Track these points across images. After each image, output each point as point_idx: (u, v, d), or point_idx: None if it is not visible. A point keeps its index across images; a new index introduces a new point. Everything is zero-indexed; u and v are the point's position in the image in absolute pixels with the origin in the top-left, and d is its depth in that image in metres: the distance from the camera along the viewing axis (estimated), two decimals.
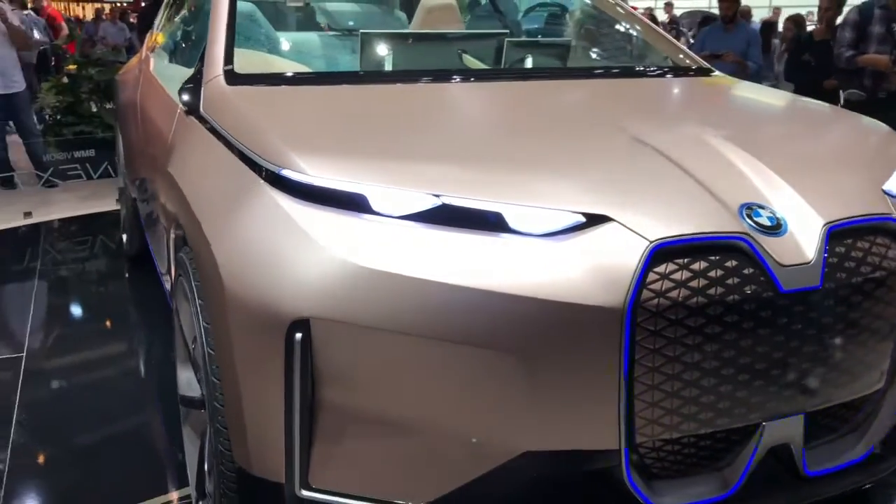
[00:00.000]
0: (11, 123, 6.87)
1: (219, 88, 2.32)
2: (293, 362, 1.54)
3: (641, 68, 3.12)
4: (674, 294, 1.54)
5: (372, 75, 2.76)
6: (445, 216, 1.61)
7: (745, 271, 1.60)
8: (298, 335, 1.53)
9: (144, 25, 7.61)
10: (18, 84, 6.58)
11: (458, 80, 2.65)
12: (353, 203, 1.64)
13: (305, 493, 1.61)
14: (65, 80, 7.32)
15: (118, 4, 14.62)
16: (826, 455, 1.84)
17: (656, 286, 1.54)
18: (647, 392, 1.58)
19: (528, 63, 3.15)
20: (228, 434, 1.73)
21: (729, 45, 6.08)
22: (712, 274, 1.58)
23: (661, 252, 1.56)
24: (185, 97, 2.43)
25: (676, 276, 1.56)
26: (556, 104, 2.45)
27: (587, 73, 2.99)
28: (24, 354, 3.50)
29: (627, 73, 3.02)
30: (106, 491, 2.50)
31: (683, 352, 1.56)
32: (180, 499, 2.43)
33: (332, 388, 1.58)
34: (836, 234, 1.70)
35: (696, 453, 1.69)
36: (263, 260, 1.63)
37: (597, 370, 1.54)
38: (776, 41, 8.23)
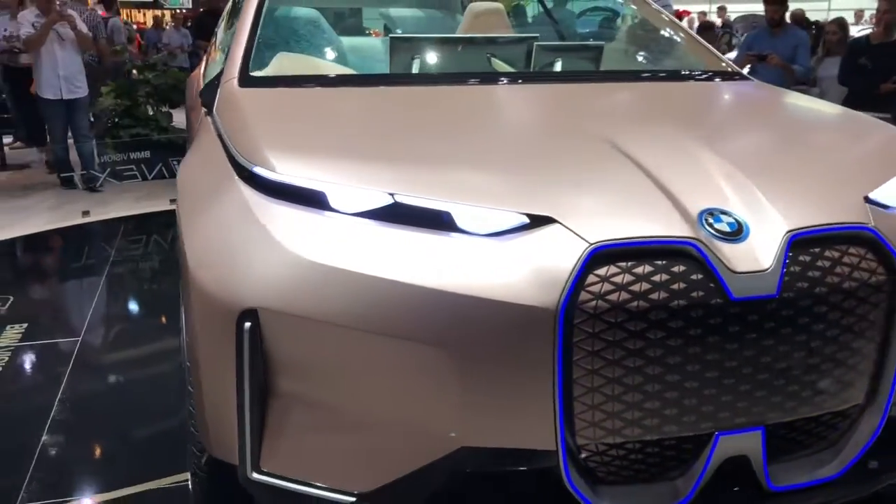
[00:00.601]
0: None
1: (230, 90, 2.44)
2: (243, 350, 1.62)
3: (658, 72, 3.07)
4: (613, 297, 1.53)
5: (376, 78, 2.83)
6: (398, 214, 1.66)
7: (693, 277, 1.57)
8: (247, 324, 1.61)
9: (200, 32, 7.82)
10: (81, 90, 6.87)
11: (455, 83, 2.68)
12: (314, 200, 1.71)
13: (256, 475, 1.68)
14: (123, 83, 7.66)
15: (178, 11, 15.12)
16: (795, 471, 1.78)
17: (595, 288, 1.54)
18: (587, 394, 1.57)
19: (558, 66, 3.15)
20: (195, 416, 1.82)
21: (775, 48, 5.95)
22: (656, 278, 1.56)
23: (602, 255, 1.56)
24: (205, 98, 2.56)
25: (618, 279, 1.55)
26: (542, 107, 2.46)
27: (595, 76, 2.96)
28: (80, 338, 3.75)
29: (641, 76, 2.98)
30: (125, 467, 2.66)
31: (624, 355, 1.55)
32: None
33: (282, 377, 1.65)
34: (800, 243, 1.65)
35: (645, 460, 1.67)
36: (224, 251, 1.72)
37: (532, 370, 1.54)
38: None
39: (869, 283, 1.68)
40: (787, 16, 6.02)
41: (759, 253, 1.61)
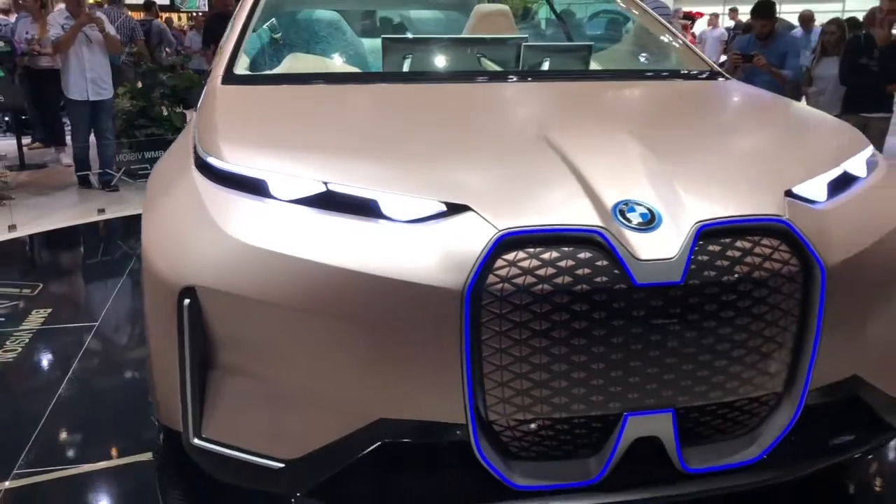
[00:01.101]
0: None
1: (212, 87, 2.60)
2: (183, 325, 1.76)
3: (629, 71, 3.14)
4: (519, 280, 1.63)
5: (350, 76, 2.95)
6: (330, 202, 1.78)
7: (599, 263, 1.66)
8: (187, 301, 1.75)
9: (208, 36, 7.94)
10: (107, 91, 7.02)
11: (423, 81, 2.81)
12: (256, 188, 1.85)
13: (197, 441, 1.81)
14: (139, 85, 7.85)
15: (198, 14, 15.30)
16: (711, 454, 1.84)
17: (503, 272, 1.64)
18: (496, 372, 1.67)
19: (546, 66, 3.23)
20: (150, 387, 1.98)
21: (765, 53, 6.01)
22: (562, 264, 1.65)
23: (511, 241, 1.66)
24: (194, 96, 2.73)
25: (524, 263, 1.64)
26: (494, 104, 2.56)
27: (568, 75, 3.03)
28: (97, 324, 3.97)
29: (613, 75, 3.05)
30: (120, 440, 2.83)
31: (530, 336, 1.65)
32: None
33: (219, 351, 1.79)
34: (710, 233, 1.72)
35: (556, 437, 1.76)
36: (172, 232, 1.87)
37: (442, 347, 1.65)
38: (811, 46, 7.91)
39: (781, 274, 1.74)
40: (796, 17, 6.05)
41: (665, 242, 1.69)
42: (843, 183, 2.01)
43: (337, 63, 3.46)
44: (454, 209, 1.72)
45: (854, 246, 1.85)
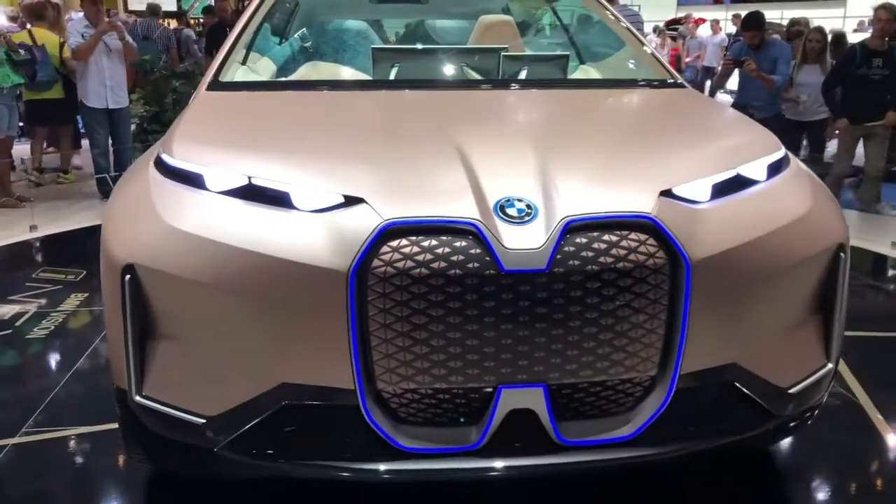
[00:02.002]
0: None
1: (198, 93, 2.91)
2: (125, 297, 2.05)
3: (582, 81, 3.32)
4: (400, 264, 1.86)
5: (321, 83, 3.19)
6: (253, 193, 2.05)
7: (472, 251, 1.87)
8: (128, 276, 2.03)
9: (210, 45, 8.21)
10: (124, 100, 7.21)
11: (384, 88, 3.05)
12: (194, 180, 2.13)
13: (138, 398, 2.09)
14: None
15: (196, 21, 15.52)
16: (588, 429, 2.02)
17: (386, 257, 1.87)
18: (382, 345, 1.90)
19: (522, 75, 3.43)
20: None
21: (756, 60, 6.33)
22: (439, 251, 1.87)
23: (395, 230, 1.89)
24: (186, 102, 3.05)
25: (406, 249, 1.87)
26: (424, 108, 2.79)
27: (523, 83, 3.21)
28: None
29: (566, 84, 3.23)
30: None
31: (410, 314, 1.87)
32: None
33: (156, 320, 2.06)
34: (579, 227, 1.91)
35: (439, 405, 1.97)
36: (123, 217, 2.17)
37: (332, 322, 1.88)
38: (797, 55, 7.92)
39: (646, 266, 1.91)
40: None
41: (534, 234, 1.89)
42: (733, 185, 2.16)
43: (350, 71, 3.71)
44: (351, 201, 1.96)
45: (724, 244, 2.00)
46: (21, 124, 8.92)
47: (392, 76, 3.36)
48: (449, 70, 3.54)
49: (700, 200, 2.08)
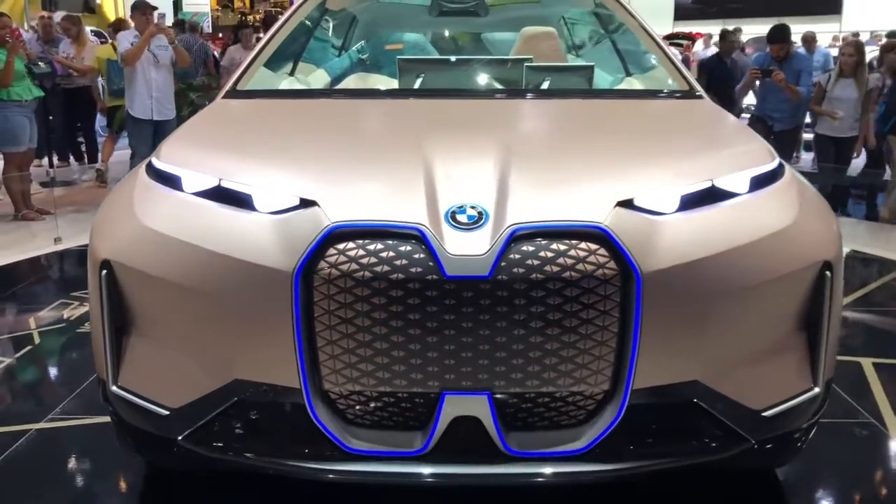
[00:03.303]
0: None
1: (214, 101, 3.03)
2: (101, 291, 2.15)
3: (589, 91, 3.26)
4: (345, 266, 1.89)
5: (331, 92, 3.27)
6: (221, 195, 2.12)
7: (416, 256, 1.88)
8: (104, 272, 2.14)
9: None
10: (171, 112, 7.29)
11: (385, 97, 3.11)
12: (173, 182, 2.22)
13: (114, 388, 2.19)
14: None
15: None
16: (537, 441, 1.99)
17: (332, 259, 1.90)
18: (328, 346, 1.93)
19: (545, 86, 3.41)
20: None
21: (781, 71, 6.42)
22: (384, 255, 1.89)
23: (342, 232, 1.92)
24: None
25: (352, 252, 1.90)
26: (405, 117, 2.82)
27: (526, 92, 3.19)
28: None
29: (573, 94, 3.17)
30: None
31: (354, 316, 1.90)
32: None
33: (130, 314, 2.16)
34: (527, 235, 1.89)
35: (385, 408, 1.99)
36: (106, 216, 2.29)
37: (279, 320, 1.93)
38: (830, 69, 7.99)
39: (594, 276, 1.87)
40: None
41: (480, 240, 1.88)
42: (706, 197, 2.09)
43: (388, 81, 3.79)
44: (306, 204, 2.00)
45: (683, 256, 1.93)
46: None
47: (416, 86, 3.41)
48: (472, 81, 3.56)
49: (664, 212, 2.02)
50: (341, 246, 1.91)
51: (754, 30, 16.41)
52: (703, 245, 1.97)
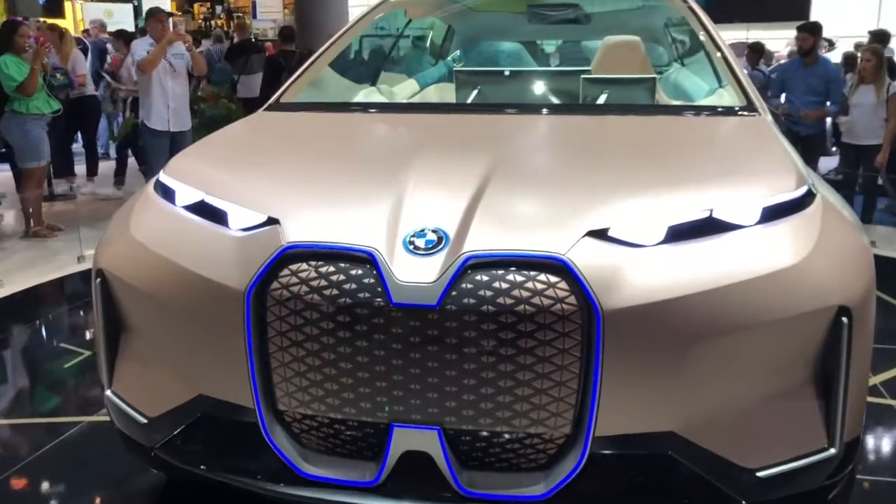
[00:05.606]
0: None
1: (256, 113, 3.08)
2: (97, 299, 2.23)
3: (633, 107, 3.03)
4: (295, 288, 1.84)
5: (370, 105, 3.22)
6: (203, 210, 2.14)
7: (365, 280, 1.81)
8: (98, 280, 2.22)
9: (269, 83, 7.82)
10: (187, 122, 7.04)
11: (420, 112, 3.07)
12: (170, 196, 2.26)
13: (108, 392, 2.27)
14: None
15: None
16: (494, 482, 1.87)
17: (284, 280, 1.86)
18: (281, 367, 1.90)
19: (602, 100, 3.23)
20: None
21: (808, 83, 6.56)
22: (334, 278, 1.83)
23: (296, 252, 1.87)
24: None
25: (304, 274, 1.85)
26: (402, 135, 2.75)
27: (564, 109, 3.07)
28: None
29: (612, 110, 2.99)
30: None
31: (304, 339, 1.85)
32: None
33: (122, 323, 2.22)
34: (483, 264, 1.78)
35: (336, 435, 1.92)
36: (111, 227, 2.36)
37: (234, 339, 1.91)
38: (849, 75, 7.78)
39: (551, 311, 1.73)
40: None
41: (431, 267, 1.78)
42: (701, 229, 1.88)
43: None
44: (270, 222, 1.98)
45: (654, 294, 1.75)
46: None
47: (469, 99, 3.33)
48: (526, 95, 3.44)
49: (644, 244, 1.83)
50: (294, 267, 1.87)
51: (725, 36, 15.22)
52: (682, 283, 1.78)
